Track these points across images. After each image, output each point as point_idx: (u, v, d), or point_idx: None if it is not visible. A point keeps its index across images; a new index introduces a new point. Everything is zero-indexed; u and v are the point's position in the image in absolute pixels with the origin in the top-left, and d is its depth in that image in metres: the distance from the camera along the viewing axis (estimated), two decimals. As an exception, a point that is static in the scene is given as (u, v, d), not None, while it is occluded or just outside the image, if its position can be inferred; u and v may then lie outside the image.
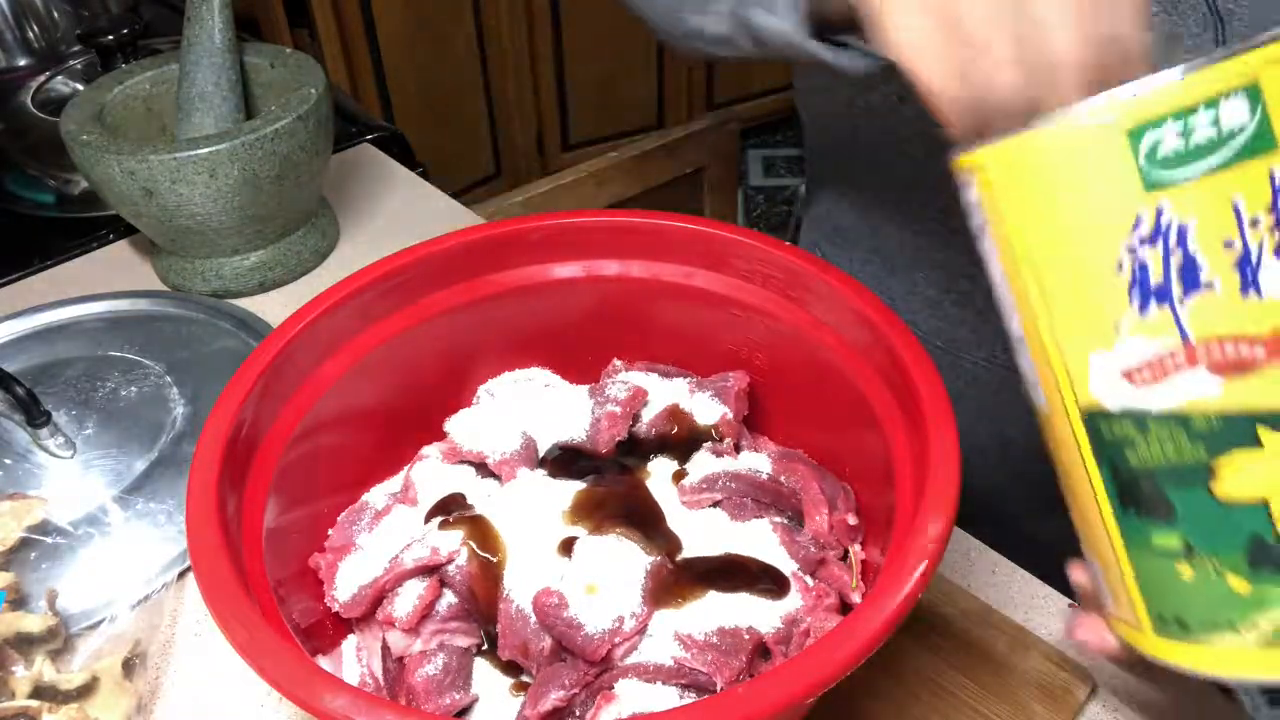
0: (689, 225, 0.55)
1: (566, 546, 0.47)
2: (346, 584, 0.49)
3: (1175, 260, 0.29)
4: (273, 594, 0.43)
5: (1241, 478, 0.30)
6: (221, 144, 0.73)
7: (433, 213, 0.92)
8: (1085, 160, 0.30)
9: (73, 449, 0.65)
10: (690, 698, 0.43)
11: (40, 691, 0.50)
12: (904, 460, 0.45)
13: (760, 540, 0.49)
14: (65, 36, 1.22)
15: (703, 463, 0.53)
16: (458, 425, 0.55)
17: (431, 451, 0.56)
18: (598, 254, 0.57)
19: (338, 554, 0.50)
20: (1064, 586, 0.58)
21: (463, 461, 0.54)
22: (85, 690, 0.51)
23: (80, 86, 1.08)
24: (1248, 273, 0.29)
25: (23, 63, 1.20)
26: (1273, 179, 0.29)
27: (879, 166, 0.67)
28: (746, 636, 0.44)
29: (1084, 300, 0.31)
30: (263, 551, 0.44)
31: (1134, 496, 0.32)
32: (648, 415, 0.55)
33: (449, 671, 0.46)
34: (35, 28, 1.21)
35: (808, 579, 0.48)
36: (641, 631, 0.45)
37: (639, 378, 0.57)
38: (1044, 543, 0.62)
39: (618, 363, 0.59)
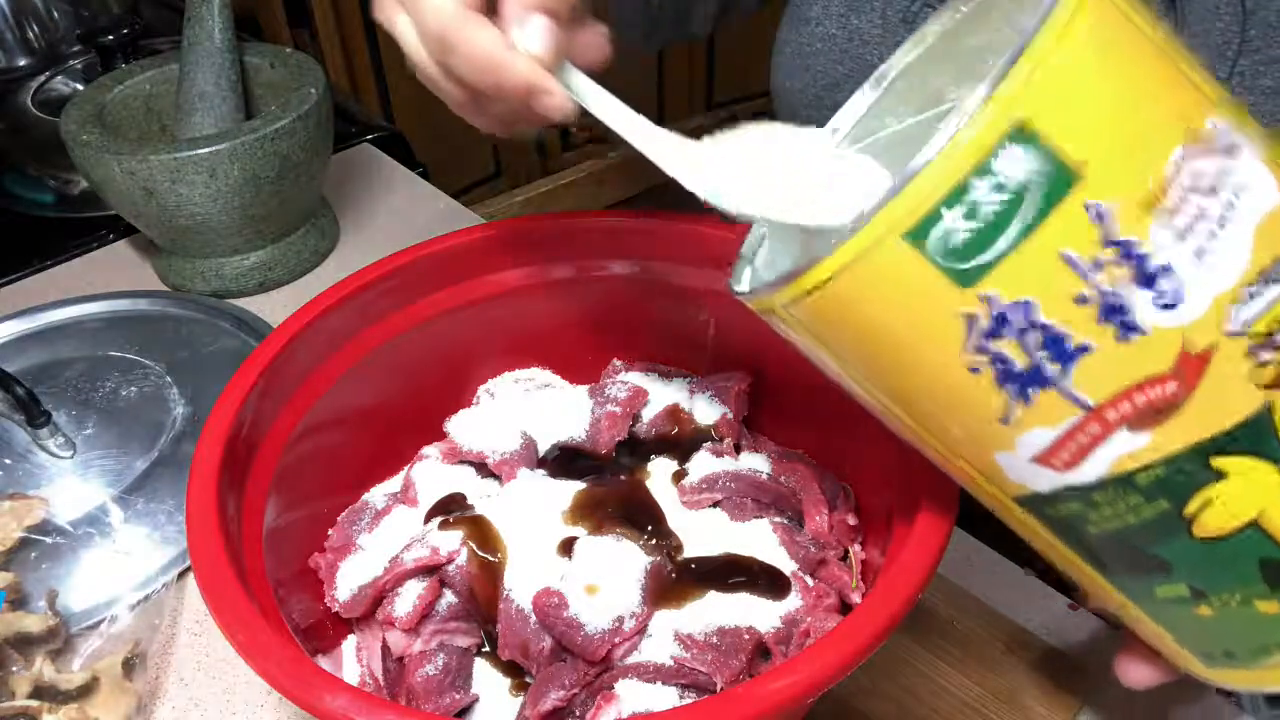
0: (689, 225, 0.55)
1: (566, 546, 0.47)
2: (346, 584, 0.49)
3: (1035, 340, 0.25)
4: (273, 594, 0.43)
5: (1218, 512, 0.27)
6: (221, 144, 0.73)
7: (433, 213, 0.93)
8: (878, 282, 0.25)
9: (73, 449, 0.65)
10: (690, 698, 0.43)
11: (40, 691, 0.50)
12: (904, 460, 0.45)
13: (760, 540, 0.49)
14: (65, 36, 1.22)
15: (703, 463, 0.53)
16: (458, 425, 0.55)
17: (431, 451, 0.56)
18: (597, 254, 0.57)
19: (338, 554, 0.50)
20: (1064, 586, 0.58)
21: (463, 461, 0.54)
22: (85, 690, 0.51)
23: (80, 86, 1.08)
24: (1117, 318, 0.25)
25: (23, 63, 1.20)
26: (1091, 211, 0.24)
27: None
28: (746, 636, 0.44)
29: (956, 414, 0.28)
30: (263, 551, 0.44)
31: (1116, 561, 0.30)
32: (648, 415, 0.55)
33: (449, 671, 0.46)
34: (35, 28, 1.21)
35: (808, 579, 0.48)
36: (641, 631, 0.45)
37: (639, 378, 0.57)
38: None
39: (618, 363, 0.59)
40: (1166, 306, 0.24)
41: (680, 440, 0.54)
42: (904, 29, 0.59)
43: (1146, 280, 0.24)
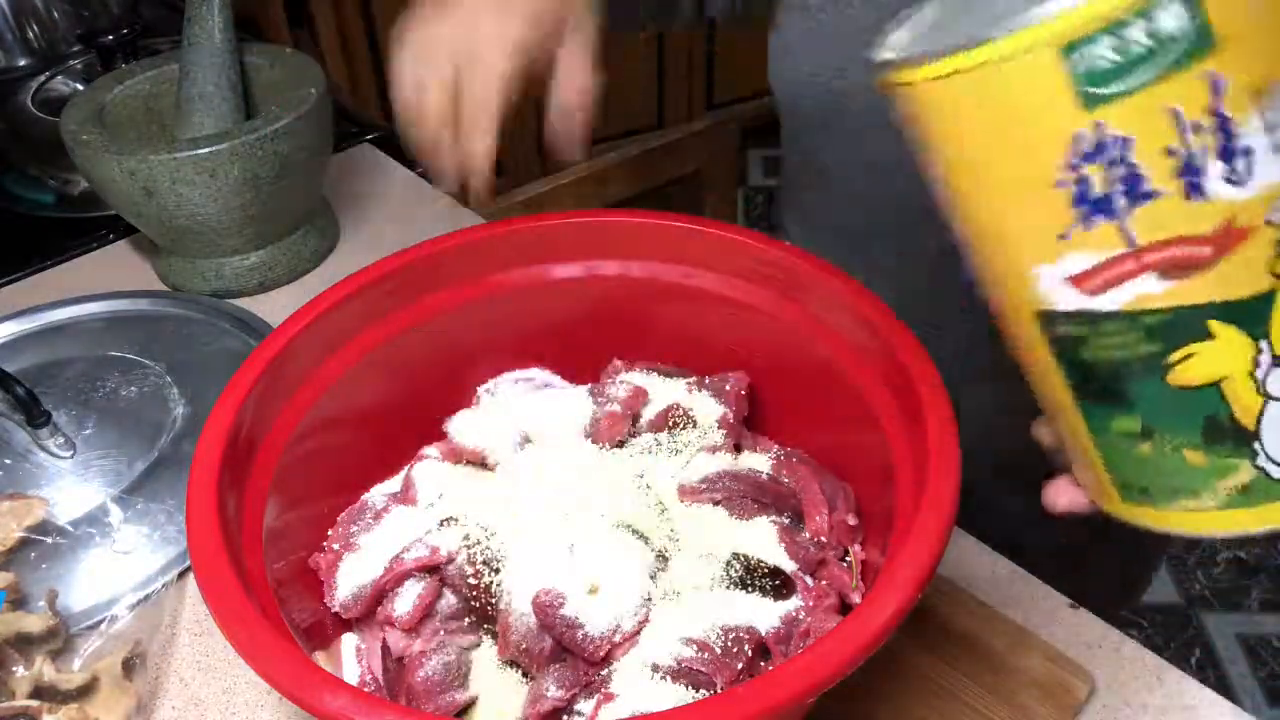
0: (689, 225, 0.55)
1: (567, 546, 0.47)
2: (346, 584, 0.49)
3: (1118, 173, 0.29)
4: (273, 594, 0.43)
5: (1195, 366, 0.31)
6: (221, 144, 0.73)
7: (433, 213, 0.92)
8: (1018, 80, 0.29)
9: (73, 449, 0.65)
10: (690, 698, 0.43)
11: (40, 691, 0.50)
12: (904, 460, 0.45)
13: (760, 540, 0.49)
14: (65, 36, 1.22)
15: (703, 462, 0.53)
16: (458, 425, 0.55)
17: (431, 451, 0.56)
18: (598, 254, 0.57)
19: (338, 554, 0.50)
20: (1063, 585, 0.58)
21: (463, 461, 0.54)
22: (85, 690, 0.51)
23: (80, 86, 1.08)
24: (1192, 178, 0.29)
25: (23, 63, 1.20)
26: (1211, 81, 0.28)
27: (841, 143, 0.67)
28: (746, 636, 0.44)
29: (1024, 216, 0.31)
30: (263, 551, 0.44)
31: (1093, 387, 0.33)
32: (648, 415, 0.55)
33: (449, 671, 0.46)
34: (35, 28, 1.21)
35: (808, 579, 0.48)
36: (641, 631, 0.45)
37: (639, 378, 0.57)
38: (1006, 512, 0.63)
39: (618, 363, 0.59)
40: (1232, 182, 0.29)
41: (680, 440, 0.54)
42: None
43: (1227, 155, 0.28)
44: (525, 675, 0.47)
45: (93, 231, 0.91)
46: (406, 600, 0.48)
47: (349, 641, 0.49)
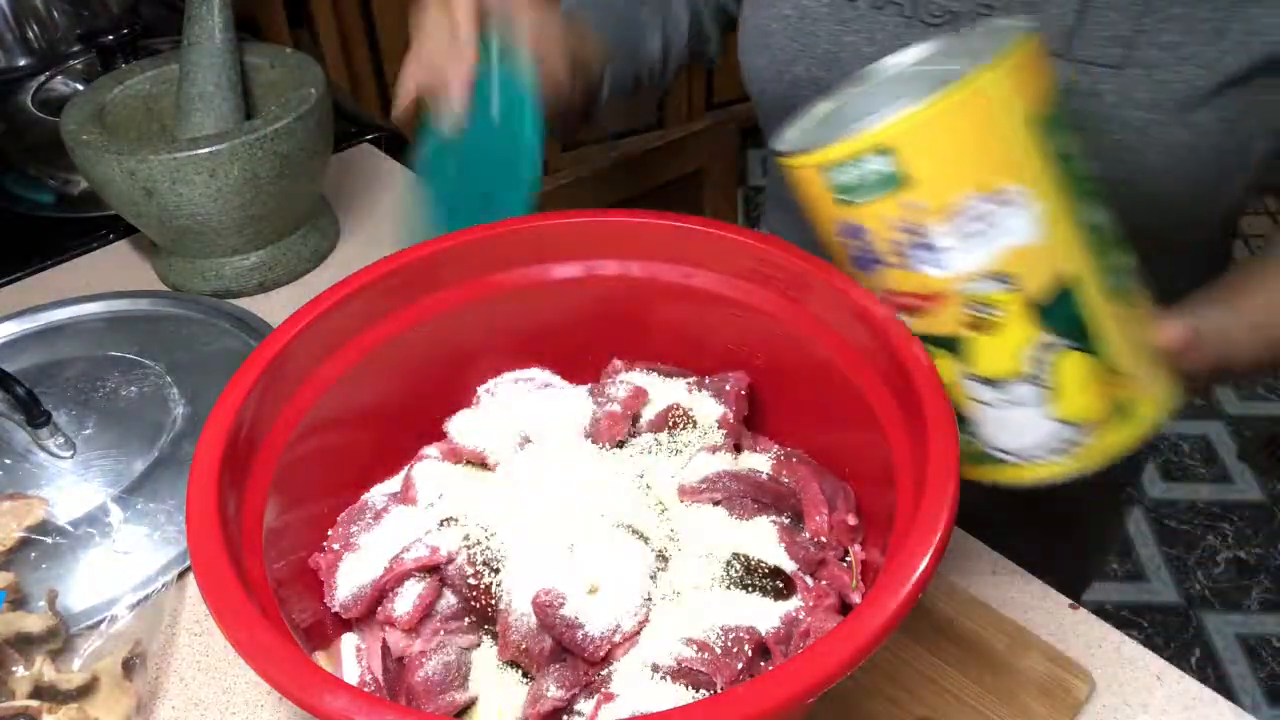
0: (689, 225, 0.55)
1: (567, 546, 0.47)
2: (346, 584, 0.49)
3: (863, 246, 0.45)
4: (273, 594, 0.43)
5: (942, 370, 0.46)
6: (221, 144, 0.73)
7: (433, 213, 0.92)
8: (806, 182, 0.45)
9: (73, 449, 0.65)
10: (690, 698, 0.43)
11: (40, 691, 0.50)
12: (904, 460, 0.45)
13: (760, 540, 0.49)
14: (65, 36, 1.22)
15: (703, 463, 0.53)
16: (458, 425, 0.55)
17: (431, 451, 0.56)
18: (598, 254, 0.57)
19: (338, 554, 0.50)
20: (1063, 586, 0.58)
21: (463, 461, 0.54)
22: (85, 690, 0.51)
23: (80, 86, 1.08)
24: (904, 259, 0.44)
25: (23, 63, 1.20)
26: (908, 203, 0.42)
27: None
28: (746, 636, 0.44)
29: (838, 256, 0.48)
30: (263, 551, 0.44)
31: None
32: (648, 415, 0.55)
33: (449, 671, 0.46)
34: (35, 28, 1.21)
35: (808, 579, 0.48)
36: (641, 631, 0.45)
37: (639, 378, 0.57)
38: (1002, 509, 0.63)
39: (618, 363, 0.59)
40: (933, 265, 0.44)
41: (680, 440, 0.54)
42: (847, 7, 0.64)
43: (927, 248, 0.43)
44: (525, 675, 0.47)
45: (93, 231, 0.91)
46: (406, 600, 0.48)
47: (349, 641, 0.49)
